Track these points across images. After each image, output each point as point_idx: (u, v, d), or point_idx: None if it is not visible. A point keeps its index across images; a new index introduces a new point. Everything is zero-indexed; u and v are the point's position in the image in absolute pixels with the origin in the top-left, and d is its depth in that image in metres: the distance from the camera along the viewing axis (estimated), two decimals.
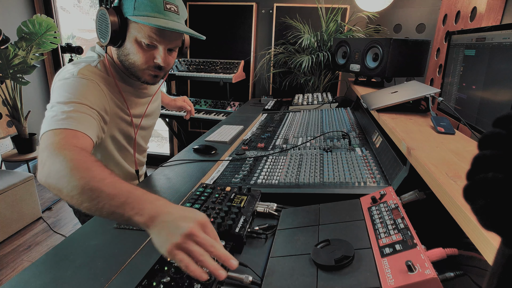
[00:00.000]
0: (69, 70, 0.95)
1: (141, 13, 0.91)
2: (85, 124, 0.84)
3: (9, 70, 2.64)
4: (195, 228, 0.57)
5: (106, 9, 0.92)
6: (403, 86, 1.47)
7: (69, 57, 3.14)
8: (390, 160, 1.05)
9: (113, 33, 0.91)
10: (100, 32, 0.95)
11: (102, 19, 0.94)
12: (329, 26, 2.56)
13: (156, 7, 0.91)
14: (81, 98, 0.88)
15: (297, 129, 1.62)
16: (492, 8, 1.45)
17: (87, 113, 0.87)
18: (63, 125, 0.79)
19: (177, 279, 0.60)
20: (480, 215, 0.27)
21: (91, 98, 0.91)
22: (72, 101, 0.86)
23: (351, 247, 0.66)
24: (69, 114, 0.82)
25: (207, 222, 0.60)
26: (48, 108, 0.86)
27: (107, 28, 0.91)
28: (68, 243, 0.80)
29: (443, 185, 0.67)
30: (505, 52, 0.97)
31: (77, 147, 0.75)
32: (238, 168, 1.19)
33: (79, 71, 0.93)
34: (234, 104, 2.90)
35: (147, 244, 0.80)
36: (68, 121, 0.81)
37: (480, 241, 0.50)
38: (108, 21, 0.90)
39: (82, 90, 0.90)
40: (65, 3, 3.94)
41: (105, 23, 0.92)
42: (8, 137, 3.08)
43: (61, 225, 2.66)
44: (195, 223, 0.57)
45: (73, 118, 0.82)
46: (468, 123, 1.11)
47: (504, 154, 0.26)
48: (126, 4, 0.92)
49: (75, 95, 0.87)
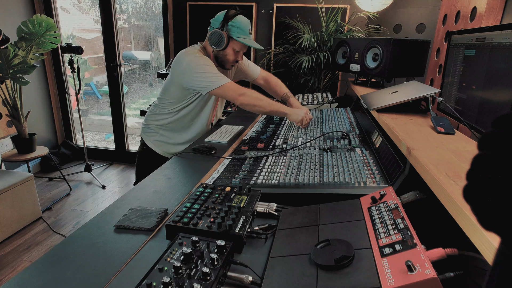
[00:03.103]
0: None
1: (239, 36, 1.59)
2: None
3: (9, 70, 2.64)
4: (306, 111, 1.65)
5: (221, 30, 1.57)
6: (403, 86, 1.47)
7: (69, 57, 3.14)
8: (390, 160, 1.05)
9: (225, 45, 1.59)
10: (214, 42, 1.58)
11: (217, 35, 1.57)
12: (329, 26, 2.56)
13: (246, 33, 1.61)
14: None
15: (297, 129, 1.62)
16: (492, 8, 1.45)
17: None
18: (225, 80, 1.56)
19: (177, 279, 0.60)
20: (480, 215, 0.27)
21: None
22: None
23: (351, 247, 0.66)
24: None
25: (308, 112, 1.65)
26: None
27: (222, 41, 1.57)
28: (68, 243, 0.80)
29: (443, 185, 0.67)
30: (505, 52, 0.97)
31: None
32: (238, 168, 1.19)
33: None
34: (234, 104, 2.90)
35: (147, 244, 0.80)
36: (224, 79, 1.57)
37: (480, 241, 0.50)
38: (223, 38, 1.57)
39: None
40: (65, 3, 3.94)
41: (220, 38, 1.57)
42: (8, 137, 3.08)
43: (61, 225, 2.66)
44: (305, 113, 1.63)
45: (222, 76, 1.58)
46: (468, 123, 1.12)
47: (503, 154, 0.26)
48: (232, 30, 1.58)
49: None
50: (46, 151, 3.05)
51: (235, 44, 1.61)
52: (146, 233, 0.84)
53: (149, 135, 1.80)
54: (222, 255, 0.67)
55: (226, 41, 1.57)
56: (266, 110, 1.60)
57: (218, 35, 1.57)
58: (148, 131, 1.80)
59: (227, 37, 1.57)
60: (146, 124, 1.81)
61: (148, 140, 1.79)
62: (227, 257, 0.67)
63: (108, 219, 0.90)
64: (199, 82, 1.55)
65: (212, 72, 1.55)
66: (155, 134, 1.78)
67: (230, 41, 1.60)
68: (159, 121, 1.76)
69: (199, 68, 1.54)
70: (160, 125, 1.76)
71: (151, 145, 1.79)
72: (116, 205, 0.98)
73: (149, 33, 4.33)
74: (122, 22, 4.28)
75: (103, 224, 0.88)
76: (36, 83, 3.51)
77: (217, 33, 1.56)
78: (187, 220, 0.79)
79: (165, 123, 1.75)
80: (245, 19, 1.61)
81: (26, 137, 2.94)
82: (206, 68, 1.54)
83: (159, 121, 1.76)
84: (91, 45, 4.86)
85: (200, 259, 0.66)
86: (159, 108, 1.75)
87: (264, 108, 1.59)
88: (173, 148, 1.78)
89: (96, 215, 0.93)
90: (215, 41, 1.58)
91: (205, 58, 1.58)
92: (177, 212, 0.84)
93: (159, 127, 1.77)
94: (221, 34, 1.56)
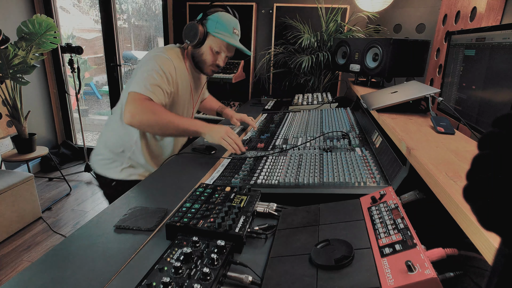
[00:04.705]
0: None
1: (218, 31, 1.37)
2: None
3: (9, 70, 2.64)
4: (228, 130, 1.27)
5: (196, 23, 1.35)
6: (403, 86, 1.47)
7: (69, 57, 3.14)
8: (390, 160, 1.05)
9: (199, 39, 1.36)
10: (188, 35, 1.37)
11: (192, 28, 1.36)
12: (329, 26, 2.56)
13: (228, 30, 1.39)
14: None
15: (297, 129, 1.62)
16: (492, 8, 1.45)
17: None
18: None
19: (177, 279, 0.60)
20: (480, 215, 0.27)
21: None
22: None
23: (351, 247, 0.66)
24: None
25: (229, 130, 1.27)
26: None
27: (196, 34, 1.35)
28: (68, 243, 0.80)
29: (443, 185, 0.67)
30: (505, 52, 0.97)
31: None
32: (238, 168, 1.19)
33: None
34: (234, 104, 2.90)
35: (147, 244, 0.80)
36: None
37: (480, 241, 0.50)
38: (198, 31, 1.34)
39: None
40: (65, 3, 3.94)
41: (194, 31, 1.35)
42: (8, 137, 3.08)
43: (61, 225, 2.66)
44: (227, 128, 1.27)
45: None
46: (468, 123, 1.11)
47: (503, 154, 0.25)
48: (210, 24, 1.38)
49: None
50: (46, 151, 3.05)
51: (213, 41, 1.38)
52: (146, 233, 0.84)
53: (110, 167, 1.43)
54: (222, 255, 0.67)
55: (201, 35, 1.35)
56: (175, 129, 1.26)
57: (193, 28, 1.35)
58: (107, 163, 1.43)
59: (203, 31, 1.36)
60: (103, 154, 1.44)
61: (113, 173, 1.42)
62: (227, 257, 0.67)
63: (108, 219, 0.90)
64: (134, 78, 1.29)
65: (154, 78, 1.26)
66: (119, 162, 1.43)
67: (207, 36, 1.38)
68: (125, 142, 1.41)
69: (149, 67, 1.29)
70: (125, 148, 1.41)
71: (120, 177, 1.42)
72: (116, 205, 0.98)
73: (149, 33, 4.34)
74: (122, 22, 4.28)
75: (103, 224, 0.88)
76: (36, 83, 3.51)
77: (192, 25, 1.35)
78: (187, 220, 0.79)
79: (132, 143, 1.40)
80: (229, 16, 1.41)
81: (26, 137, 2.94)
82: (154, 73, 1.27)
83: (126, 142, 1.41)
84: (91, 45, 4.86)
85: (200, 259, 0.66)
86: (121, 124, 1.37)
87: (166, 127, 1.24)
88: (154, 164, 1.47)
89: (96, 215, 0.93)
90: (190, 35, 1.36)
91: (167, 63, 1.31)
92: (177, 212, 0.84)
93: (122, 152, 1.41)
94: (196, 27, 1.34)
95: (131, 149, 1.41)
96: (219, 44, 1.39)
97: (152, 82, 1.26)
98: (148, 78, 1.26)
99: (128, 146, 1.41)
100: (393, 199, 0.78)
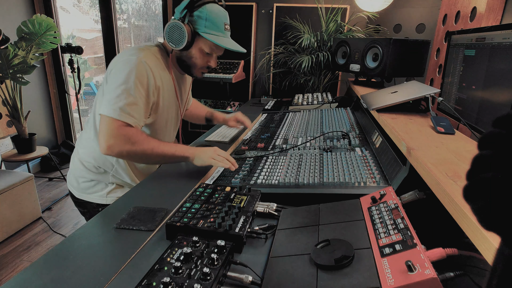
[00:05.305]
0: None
1: (209, 32, 1.18)
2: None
3: (9, 70, 2.64)
4: (216, 149, 1.15)
5: (182, 22, 1.14)
6: (403, 86, 1.47)
7: (69, 57, 3.14)
8: (390, 160, 1.05)
9: (187, 43, 1.16)
10: (172, 38, 1.17)
11: (176, 29, 1.15)
12: (329, 26, 2.56)
13: (219, 28, 1.20)
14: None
15: (297, 129, 1.62)
16: (492, 8, 1.45)
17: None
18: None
19: (177, 279, 0.60)
20: (480, 215, 0.27)
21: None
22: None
23: (351, 247, 0.66)
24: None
25: (217, 150, 1.15)
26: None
27: (183, 38, 1.15)
28: (68, 243, 0.80)
29: (443, 185, 0.67)
30: (505, 52, 0.97)
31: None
32: (238, 168, 1.19)
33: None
34: (234, 104, 2.90)
35: (147, 244, 0.80)
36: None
37: (480, 241, 0.50)
38: (185, 33, 1.15)
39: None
40: (65, 3, 3.94)
41: (180, 33, 1.15)
42: (8, 137, 3.08)
43: (61, 225, 2.65)
44: (214, 148, 1.15)
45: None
46: (468, 123, 1.12)
47: (503, 154, 0.25)
48: (198, 22, 1.17)
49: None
50: (46, 151, 3.05)
51: (204, 43, 1.20)
52: (146, 233, 0.84)
53: (93, 190, 1.27)
54: (222, 255, 0.67)
55: (188, 38, 1.15)
56: (159, 157, 1.12)
57: (178, 29, 1.14)
58: (89, 186, 1.27)
59: (190, 32, 1.15)
60: (83, 176, 1.26)
61: (97, 198, 1.26)
62: (227, 257, 0.67)
63: (108, 219, 0.90)
64: (105, 94, 1.09)
65: (129, 94, 1.06)
66: (103, 184, 1.27)
67: (196, 38, 1.18)
68: (105, 161, 1.23)
69: (122, 79, 1.07)
70: (106, 167, 1.24)
71: (107, 201, 1.26)
72: (116, 205, 0.98)
73: (149, 33, 4.34)
74: (122, 22, 4.28)
75: (103, 224, 0.88)
76: (36, 83, 3.50)
77: (176, 26, 1.14)
78: (187, 220, 0.80)
79: (113, 161, 1.24)
80: (218, 9, 1.20)
81: (26, 137, 2.94)
82: (128, 86, 1.07)
83: (105, 161, 1.23)
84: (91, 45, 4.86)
85: (200, 259, 0.66)
86: (96, 143, 1.18)
87: (149, 156, 1.10)
88: (138, 177, 1.31)
89: (96, 215, 0.93)
90: (174, 38, 1.16)
91: (142, 68, 1.10)
92: (177, 212, 0.84)
93: (104, 172, 1.25)
94: (182, 28, 1.14)
95: (112, 168, 1.25)
96: (211, 45, 1.21)
97: (128, 101, 1.06)
98: (121, 97, 1.06)
99: (109, 165, 1.24)
100: (393, 199, 0.78)
